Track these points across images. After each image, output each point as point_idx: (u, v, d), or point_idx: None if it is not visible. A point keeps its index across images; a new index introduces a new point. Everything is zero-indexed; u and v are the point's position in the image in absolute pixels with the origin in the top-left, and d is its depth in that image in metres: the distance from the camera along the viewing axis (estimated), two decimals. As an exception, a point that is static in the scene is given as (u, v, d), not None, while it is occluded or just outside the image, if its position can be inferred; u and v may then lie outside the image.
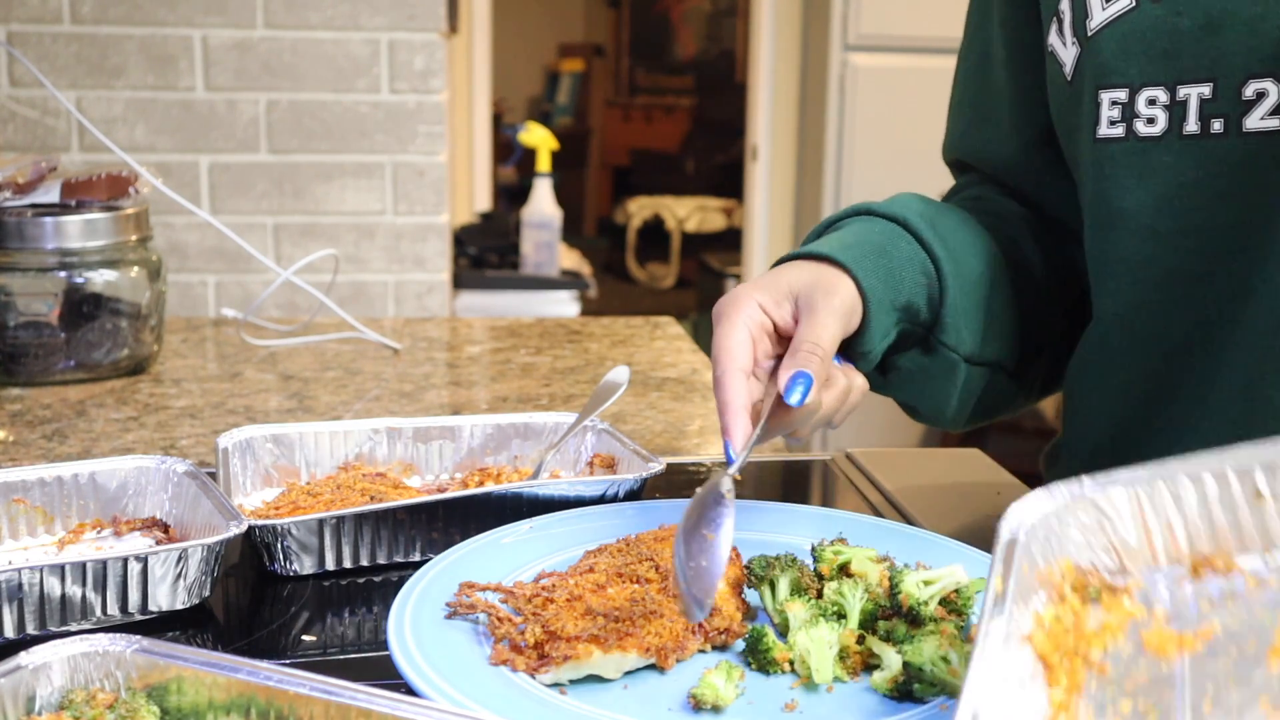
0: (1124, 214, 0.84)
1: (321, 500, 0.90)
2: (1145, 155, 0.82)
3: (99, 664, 0.64)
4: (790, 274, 0.81)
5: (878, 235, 0.86)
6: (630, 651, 0.68)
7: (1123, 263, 0.86)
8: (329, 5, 1.82)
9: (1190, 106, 0.78)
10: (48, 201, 1.45)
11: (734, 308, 0.79)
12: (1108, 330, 0.89)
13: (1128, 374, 0.88)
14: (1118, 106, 0.83)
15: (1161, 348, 0.85)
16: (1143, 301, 0.85)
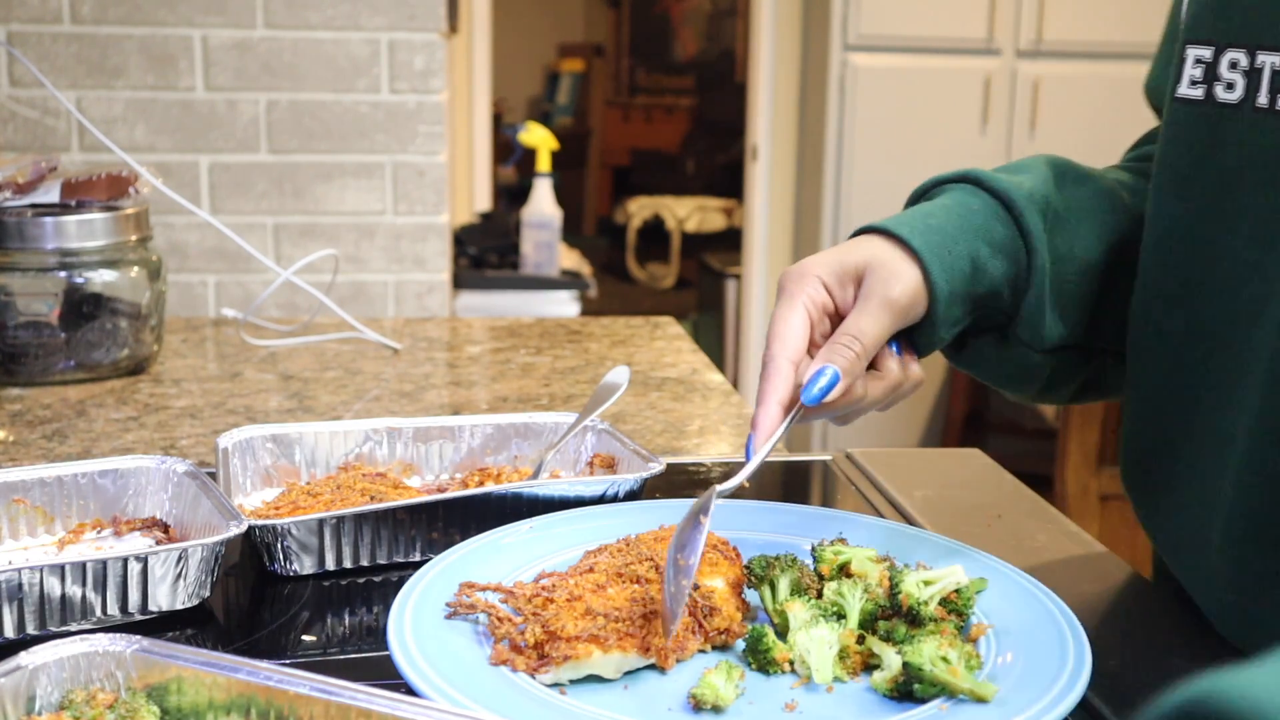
0: (1189, 184, 0.78)
1: (321, 500, 0.90)
2: (1218, 124, 0.75)
3: (99, 664, 0.64)
4: (861, 251, 0.78)
5: (972, 215, 0.81)
6: (630, 651, 0.68)
7: (1179, 238, 0.80)
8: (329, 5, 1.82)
9: (1264, 76, 0.72)
10: (48, 201, 1.45)
11: (798, 283, 0.77)
12: (1151, 307, 0.83)
13: (1173, 356, 0.81)
14: (1201, 65, 0.77)
15: (1206, 334, 0.78)
16: (1198, 280, 0.78)
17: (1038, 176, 0.85)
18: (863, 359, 0.75)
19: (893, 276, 0.77)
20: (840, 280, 0.77)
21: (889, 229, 0.79)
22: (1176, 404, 0.81)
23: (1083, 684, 0.65)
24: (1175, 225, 0.80)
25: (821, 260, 0.78)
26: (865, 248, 0.78)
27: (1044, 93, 3.90)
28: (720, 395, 1.40)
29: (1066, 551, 0.91)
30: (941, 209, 0.82)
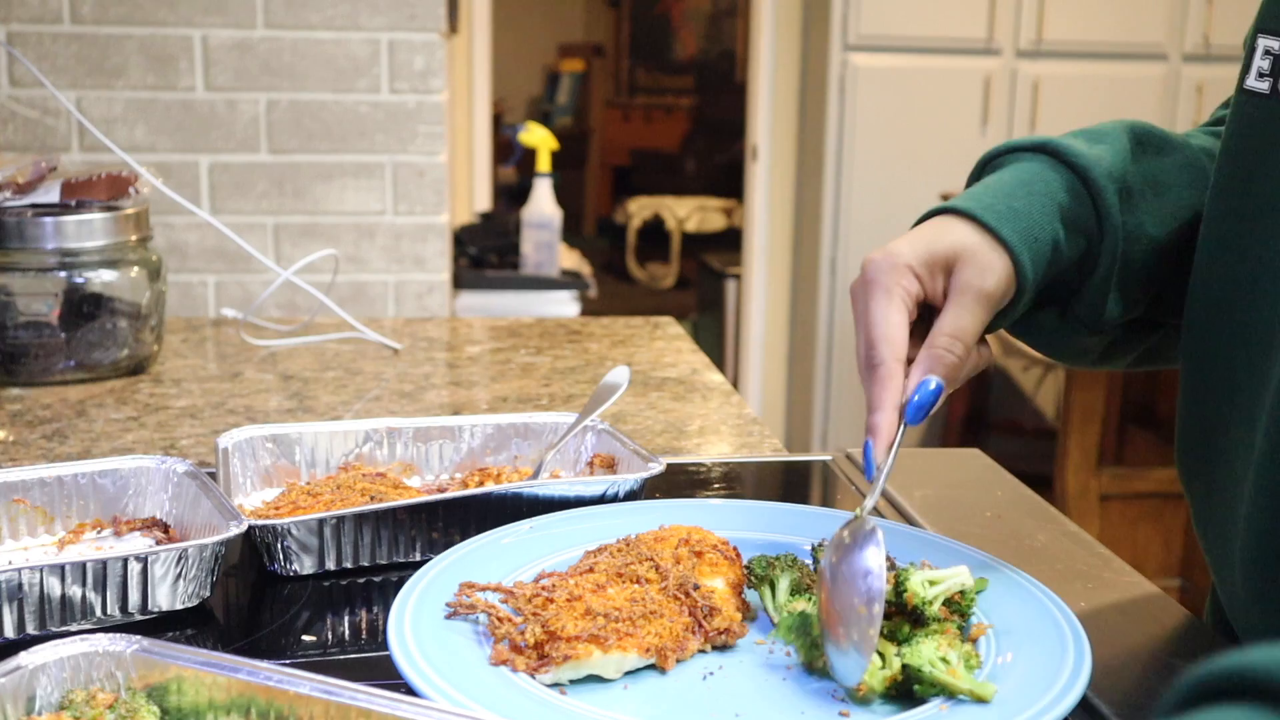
0: (1251, 180, 0.75)
1: (321, 500, 0.90)
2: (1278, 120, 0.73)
3: (99, 664, 0.64)
4: (949, 238, 0.75)
5: (1052, 192, 0.78)
6: (630, 651, 0.68)
7: (1234, 234, 0.77)
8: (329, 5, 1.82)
9: None
10: (48, 201, 1.45)
11: (890, 274, 0.73)
12: (1202, 299, 0.81)
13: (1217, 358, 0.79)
14: (1270, 57, 0.74)
15: (1246, 336, 0.76)
16: (1248, 279, 0.76)
17: (1117, 148, 0.82)
18: (964, 360, 0.73)
19: (987, 269, 0.74)
20: (930, 270, 0.74)
21: (975, 214, 0.76)
22: (1226, 406, 0.78)
23: (1083, 684, 0.65)
24: (1234, 222, 0.77)
25: (910, 248, 0.74)
26: (953, 234, 0.75)
27: (1044, 93, 3.90)
28: (720, 395, 1.41)
29: (1066, 551, 0.91)
30: (1021, 186, 0.78)
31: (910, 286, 0.73)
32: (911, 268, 0.74)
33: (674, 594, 0.73)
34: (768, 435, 1.26)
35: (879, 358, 0.71)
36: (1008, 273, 0.74)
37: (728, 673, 0.70)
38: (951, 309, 0.73)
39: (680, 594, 0.73)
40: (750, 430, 1.28)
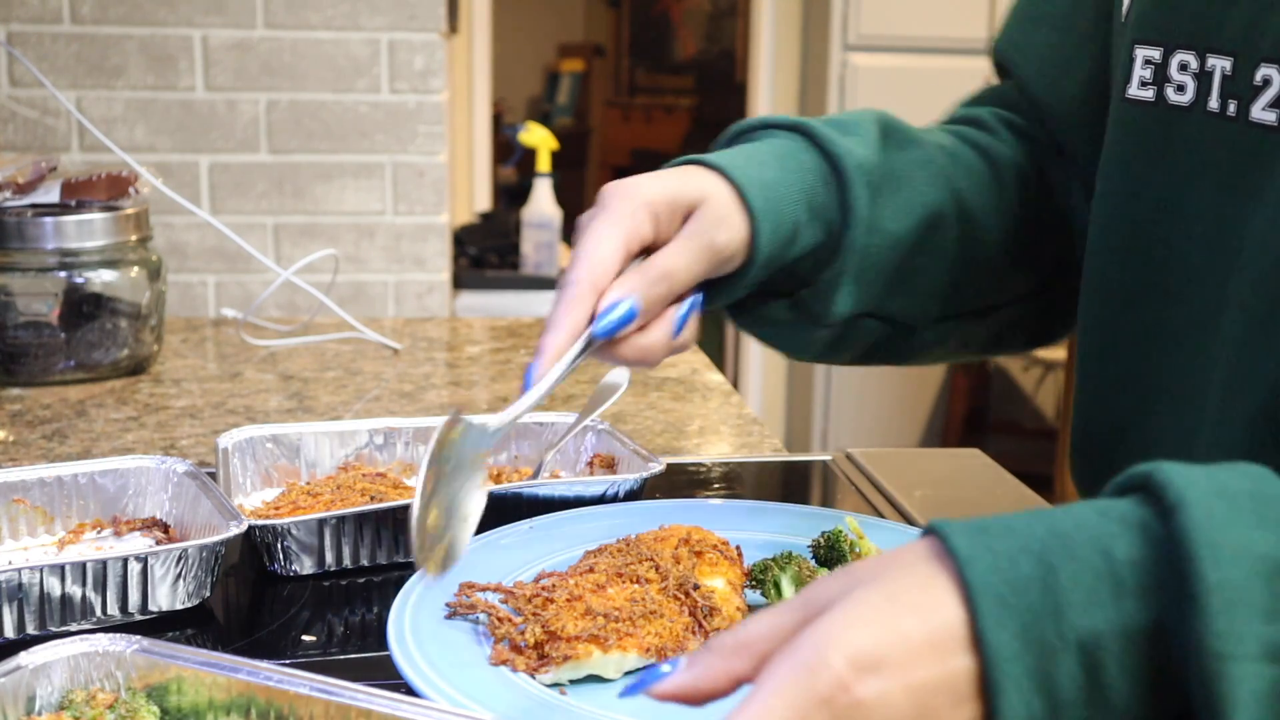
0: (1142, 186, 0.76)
1: (321, 500, 0.90)
2: (1169, 126, 0.74)
3: (99, 664, 0.64)
4: (696, 184, 0.73)
5: (804, 173, 0.77)
6: (630, 651, 0.68)
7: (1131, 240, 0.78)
8: (329, 5, 1.82)
9: (1215, 80, 0.70)
10: (48, 201, 1.45)
11: (625, 205, 0.70)
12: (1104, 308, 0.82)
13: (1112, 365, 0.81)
14: (1151, 66, 0.74)
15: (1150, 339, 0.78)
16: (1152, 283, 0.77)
17: (868, 139, 0.81)
18: (666, 299, 0.71)
19: (722, 222, 0.72)
20: (670, 212, 0.72)
21: (727, 171, 0.74)
22: (1129, 408, 0.79)
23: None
24: (1127, 227, 0.78)
25: (654, 185, 0.72)
26: (701, 181, 0.73)
27: (1044, 93, 3.90)
28: (720, 395, 1.41)
29: (1066, 551, 0.91)
30: (775, 159, 0.77)
31: (641, 227, 0.71)
32: (650, 205, 0.71)
33: (674, 594, 0.73)
34: (768, 435, 1.26)
35: (573, 278, 0.68)
36: (743, 235, 0.73)
37: (728, 673, 0.70)
38: (673, 247, 0.71)
39: (680, 594, 0.73)
40: (750, 430, 1.28)
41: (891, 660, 0.45)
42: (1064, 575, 0.46)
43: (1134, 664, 0.45)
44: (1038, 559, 0.46)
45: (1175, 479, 0.47)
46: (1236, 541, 0.45)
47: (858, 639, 0.46)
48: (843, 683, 0.45)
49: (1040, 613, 0.45)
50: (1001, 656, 0.45)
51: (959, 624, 0.46)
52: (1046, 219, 0.90)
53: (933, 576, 0.47)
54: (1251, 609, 0.44)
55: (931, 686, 0.45)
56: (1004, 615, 0.45)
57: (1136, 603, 0.45)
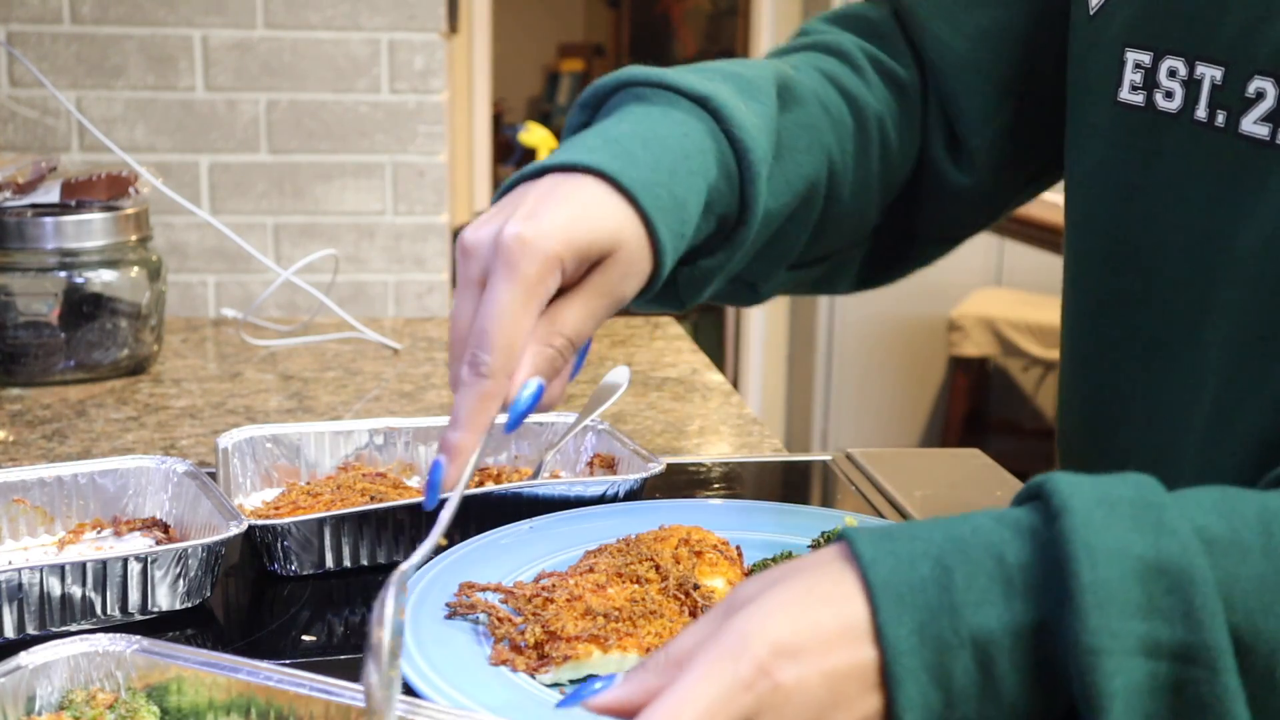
0: (1137, 191, 0.75)
1: (321, 500, 0.90)
2: (1159, 133, 0.73)
3: (99, 664, 0.64)
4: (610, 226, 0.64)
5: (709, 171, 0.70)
6: (630, 651, 0.68)
7: (1120, 245, 0.77)
8: (329, 5, 1.82)
9: (1204, 89, 0.69)
10: (48, 201, 1.45)
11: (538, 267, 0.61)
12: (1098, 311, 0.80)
13: (1095, 370, 0.80)
14: (1141, 71, 0.73)
15: (1130, 346, 0.77)
16: (1129, 289, 0.76)
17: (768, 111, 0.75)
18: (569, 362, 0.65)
19: (632, 274, 0.66)
20: (579, 265, 0.64)
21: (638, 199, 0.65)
22: (1109, 413, 0.79)
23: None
24: (1114, 232, 0.77)
25: (565, 236, 0.62)
26: (612, 221, 0.64)
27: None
28: (720, 395, 1.41)
29: (1066, 551, 0.91)
30: (682, 160, 0.69)
31: (551, 289, 0.63)
32: (560, 262, 0.62)
33: (674, 594, 0.73)
34: (768, 435, 1.26)
35: (490, 367, 0.61)
36: (648, 274, 0.67)
37: (728, 673, 0.70)
38: (581, 306, 0.64)
39: (680, 594, 0.73)
40: (750, 430, 1.28)
41: (808, 648, 0.48)
42: (959, 577, 0.49)
43: (1023, 660, 0.48)
44: (935, 562, 0.49)
45: (1062, 487, 0.50)
46: (1113, 544, 0.48)
47: (777, 627, 0.48)
48: (764, 668, 0.47)
49: (936, 611, 0.48)
50: (899, 650, 0.48)
51: (863, 619, 0.49)
52: (893, 173, 0.88)
53: (841, 575, 0.50)
54: (1126, 607, 0.47)
55: (844, 673, 0.48)
56: (902, 612, 0.48)
57: (1024, 603, 0.48)
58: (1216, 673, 0.47)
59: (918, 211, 0.92)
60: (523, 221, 0.62)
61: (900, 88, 0.88)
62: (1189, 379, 0.72)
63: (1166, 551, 0.48)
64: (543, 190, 0.65)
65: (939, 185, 0.90)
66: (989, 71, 0.87)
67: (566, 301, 0.65)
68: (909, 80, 0.88)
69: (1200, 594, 0.47)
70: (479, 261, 0.63)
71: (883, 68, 0.88)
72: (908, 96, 0.88)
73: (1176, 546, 0.48)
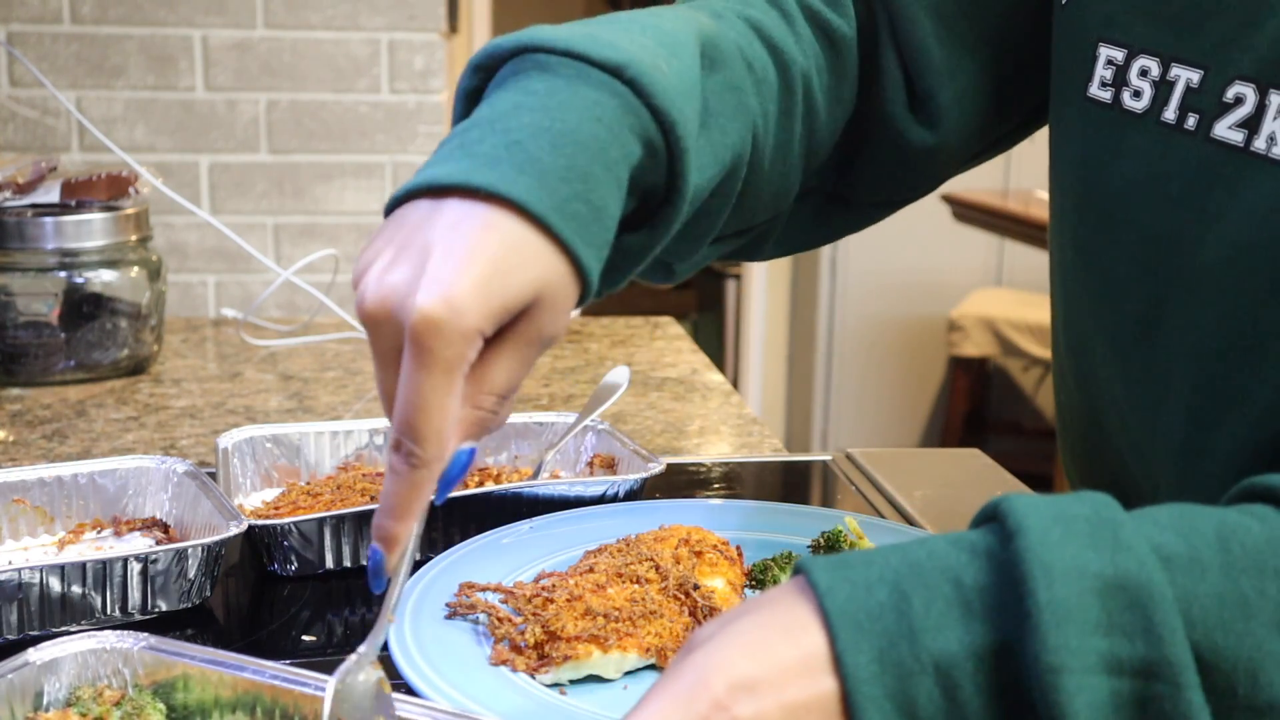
0: (1097, 190, 0.74)
1: (321, 500, 0.90)
2: (1122, 131, 0.71)
3: (106, 661, 0.64)
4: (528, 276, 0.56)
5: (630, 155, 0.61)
6: (630, 651, 0.68)
7: (1082, 243, 0.75)
8: (329, 5, 1.82)
9: (1176, 91, 0.68)
10: (48, 201, 1.45)
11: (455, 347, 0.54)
12: (1066, 307, 0.79)
13: (1074, 369, 0.79)
14: (1112, 67, 0.72)
15: (1102, 341, 0.75)
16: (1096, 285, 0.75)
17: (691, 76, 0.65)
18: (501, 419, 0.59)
19: (560, 313, 0.58)
20: (500, 324, 0.56)
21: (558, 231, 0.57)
22: (1094, 407, 0.78)
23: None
24: (1079, 230, 0.76)
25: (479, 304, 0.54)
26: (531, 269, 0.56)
27: (1043, 93, 3.90)
28: (720, 395, 1.41)
29: (1066, 551, 0.91)
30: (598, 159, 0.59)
31: (474, 354, 0.55)
32: (481, 332, 0.55)
33: (674, 594, 0.73)
34: (768, 435, 1.26)
35: (422, 457, 0.55)
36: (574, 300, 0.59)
37: (728, 672, 0.70)
38: (508, 361, 0.58)
39: (680, 594, 0.73)
40: (750, 430, 1.28)
41: (765, 681, 0.47)
42: (917, 602, 0.48)
43: (987, 683, 0.48)
44: (892, 587, 0.49)
45: (1017, 507, 0.50)
46: (1069, 562, 0.47)
47: (733, 662, 0.48)
48: (720, 703, 0.47)
49: (895, 637, 0.48)
50: (859, 678, 0.47)
51: (822, 649, 0.48)
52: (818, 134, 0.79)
53: (798, 607, 0.49)
54: (1085, 624, 0.47)
55: (803, 704, 0.47)
56: (860, 640, 0.48)
57: (984, 625, 0.48)
58: (1179, 688, 0.47)
59: (863, 174, 0.84)
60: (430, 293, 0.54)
61: (832, 41, 0.79)
62: (1154, 386, 0.71)
63: (1124, 568, 0.48)
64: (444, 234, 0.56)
65: (897, 145, 0.82)
66: (955, 18, 0.80)
67: (493, 357, 0.57)
68: (845, 32, 0.80)
69: (1159, 610, 0.47)
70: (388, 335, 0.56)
71: (817, 18, 0.79)
72: (840, 52, 0.80)
73: (1134, 563, 0.48)
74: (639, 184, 0.63)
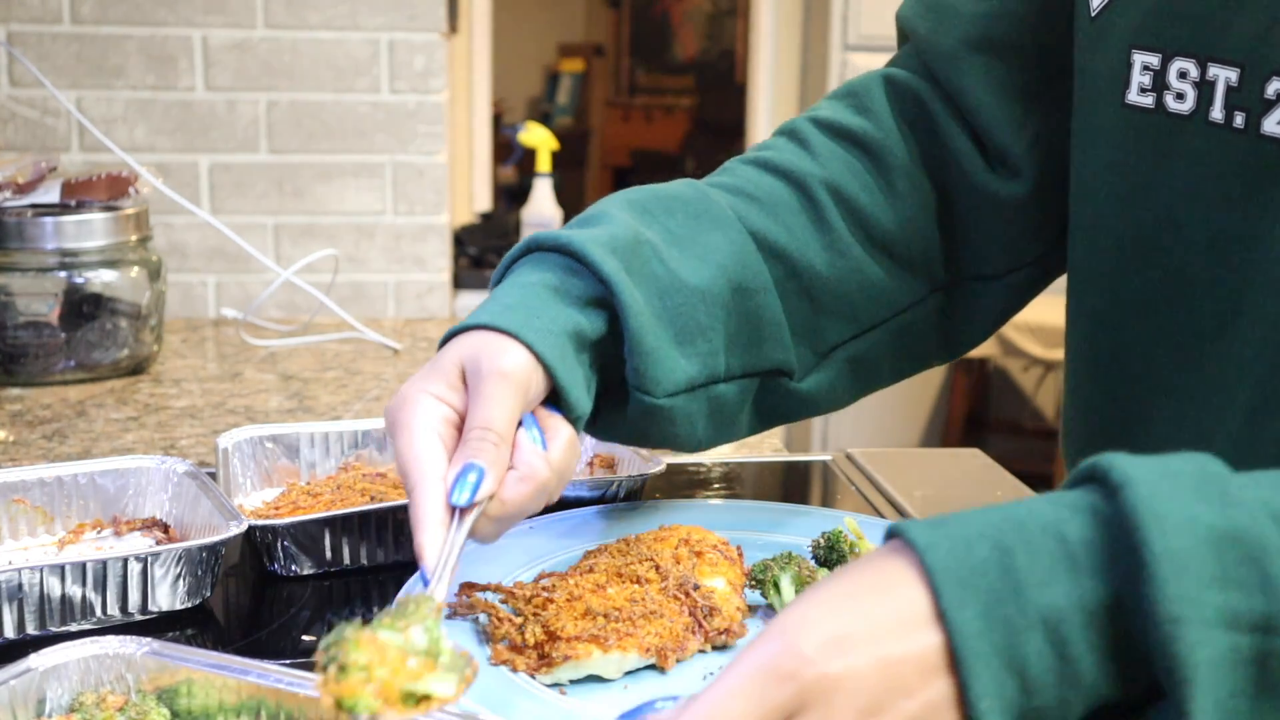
0: (1149, 193, 0.74)
1: (321, 500, 0.90)
2: (1170, 135, 0.72)
3: (109, 666, 0.64)
4: (453, 353, 0.70)
5: (545, 279, 0.74)
6: (630, 651, 0.68)
7: (1135, 248, 0.76)
8: (329, 5, 1.82)
9: (1218, 90, 0.69)
10: (48, 201, 1.45)
11: (408, 411, 0.68)
12: (1104, 319, 0.80)
13: (1114, 372, 0.79)
14: (1149, 73, 0.73)
15: (1150, 347, 0.76)
16: (1147, 291, 0.75)
17: (615, 221, 0.78)
18: (502, 448, 0.67)
19: (497, 354, 0.69)
20: (449, 385, 0.69)
21: (468, 324, 0.72)
22: (1124, 413, 0.78)
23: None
24: (1126, 234, 0.76)
25: (421, 379, 0.70)
26: (453, 349, 0.71)
27: (1044, 93, 3.90)
28: (720, 395, 1.40)
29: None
30: (514, 287, 0.74)
31: (432, 411, 0.68)
32: (428, 392, 0.69)
33: (674, 594, 0.73)
34: (768, 435, 1.26)
35: (412, 481, 0.66)
36: (523, 354, 0.69)
37: (728, 673, 0.70)
38: (473, 403, 0.68)
39: (680, 594, 0.73)
40: (750, 430, 1.28)
41: (858, 637, 0.46)
42: (1020, 557, 0.47)
43: (1098, 638, 0.47)
44: (994, 544, 0.48)
45: (1119, 463, 0.49)
46: (1181, 513, 0.47)
47: (823, 622, 0.47)
48: (809, 659, 0.46)
49: (1000, 593, 0.47)
50: (966, 633, 0.46)
51: (922, 604, 0.47)
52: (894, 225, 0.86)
53: (892, 567, 0.49)
54: (1202, 575, 0.46)
55: (899, 658, 0.46)
56: (965, 596, 0.47)
57: (1093, 579, 0.47)
58: None
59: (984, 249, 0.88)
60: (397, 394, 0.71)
61: (859, 143, 0.87)
62: (1221, 379, 0.71)
63: (1236, 522, 0.47)
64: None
65: (995, 207, 0.87)
66: (1001, 71, 0.85)
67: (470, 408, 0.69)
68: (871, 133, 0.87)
69: (1275, 563, 0.46)
70: None
71: (835, 128, 0.87)
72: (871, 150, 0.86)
73: (1246, 517, 0.47)
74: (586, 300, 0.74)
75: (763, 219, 0.82)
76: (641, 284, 0.76)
